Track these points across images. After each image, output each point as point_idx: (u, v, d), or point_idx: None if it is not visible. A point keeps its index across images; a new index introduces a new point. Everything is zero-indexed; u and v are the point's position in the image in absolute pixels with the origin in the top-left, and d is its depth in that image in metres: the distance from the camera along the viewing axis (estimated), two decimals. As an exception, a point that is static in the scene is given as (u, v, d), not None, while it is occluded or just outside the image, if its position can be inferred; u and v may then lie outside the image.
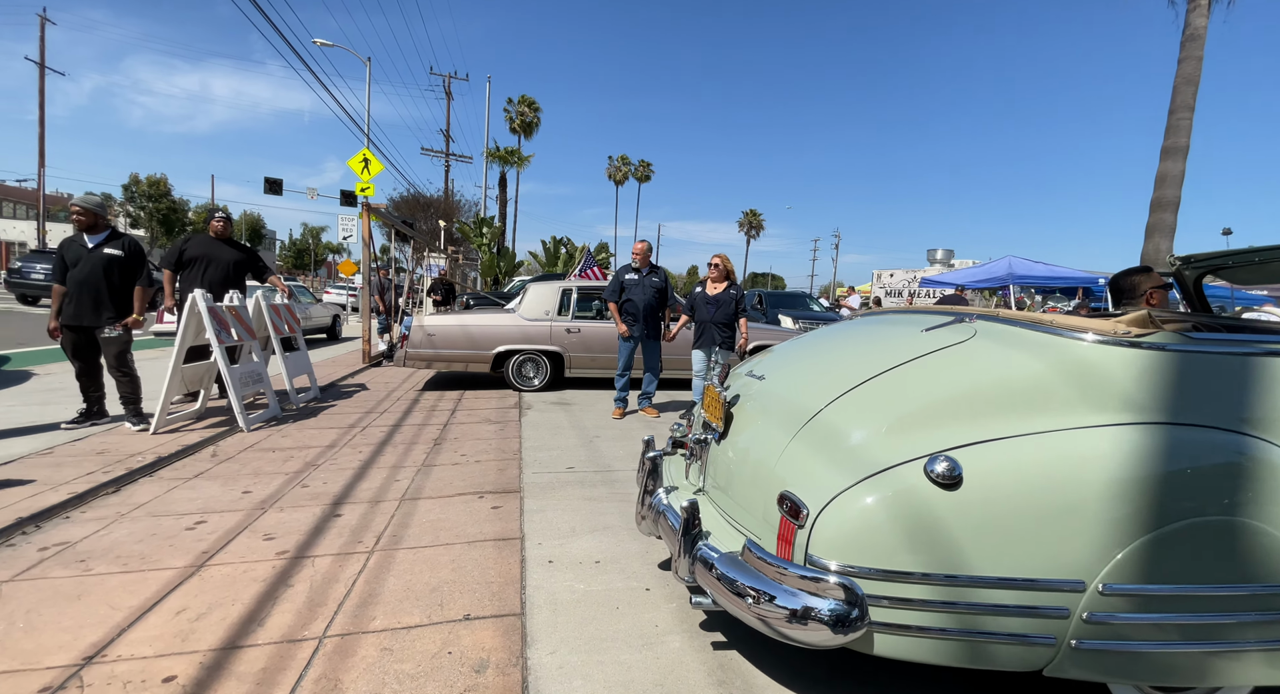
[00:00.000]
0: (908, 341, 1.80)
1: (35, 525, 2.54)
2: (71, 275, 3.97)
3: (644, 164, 53.21)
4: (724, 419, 1.95)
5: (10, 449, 3.52)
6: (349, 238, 13.20)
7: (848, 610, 1.31)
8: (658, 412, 5.40)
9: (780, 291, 16.10)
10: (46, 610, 1.89)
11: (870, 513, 1.35)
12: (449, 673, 1.65)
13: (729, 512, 1.79)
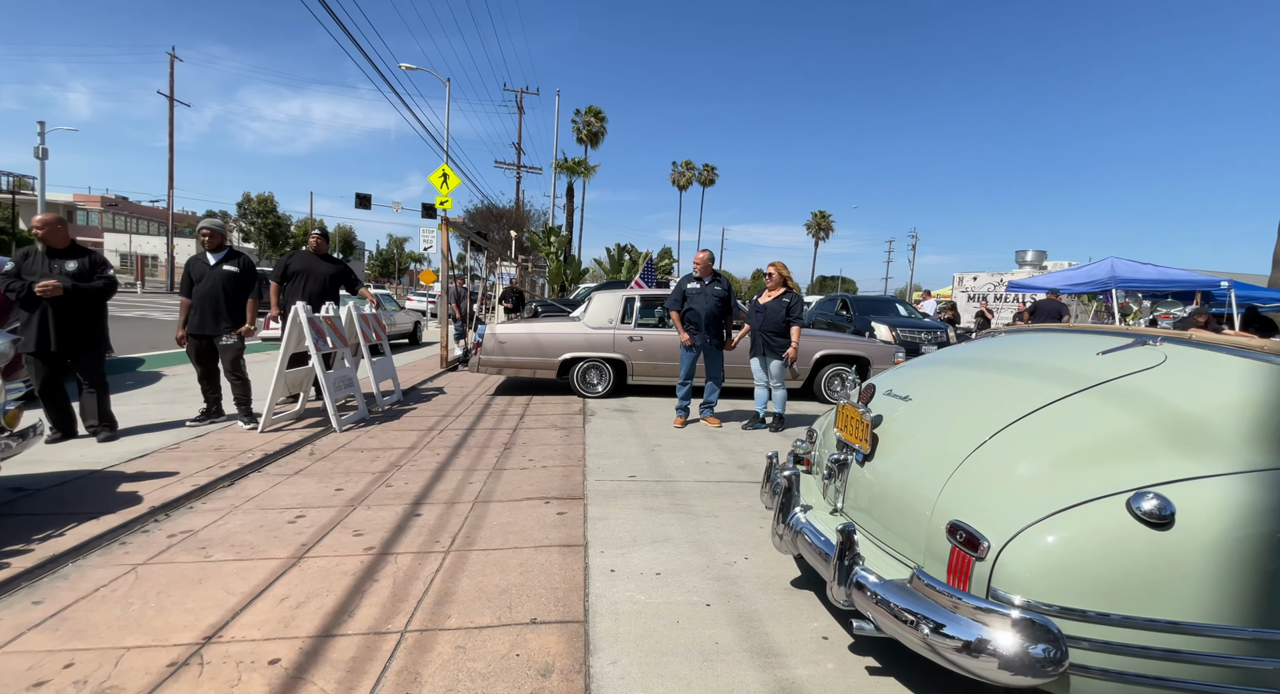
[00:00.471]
0: (1082, 365, 1.73)
1: (165, 514, 2.90)
2: (196, 289, 4.50)
3: (708, 168, 52.95)
4: (870, 440, 1.93)
5: (145, 444, 4.03)
6: (429, 249, 14.04)
7: (1045, 649, 1.27)
8: (720, 421, 5.37)
9: (870, 296, 14.77)
10: (174, 592, 2.16)
11: (1067, 550, 1.31)
12: (517, 674, 1.74)
13: (875, 534, 1.79)
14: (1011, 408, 1.64)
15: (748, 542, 2.77)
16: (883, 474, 1.86)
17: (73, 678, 1.66)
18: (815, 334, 7.30)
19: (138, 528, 2.71)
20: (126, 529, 2.67)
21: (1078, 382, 1.62)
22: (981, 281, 19.10)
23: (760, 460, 4.24)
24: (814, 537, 1.88)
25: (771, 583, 2.37)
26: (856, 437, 2.00)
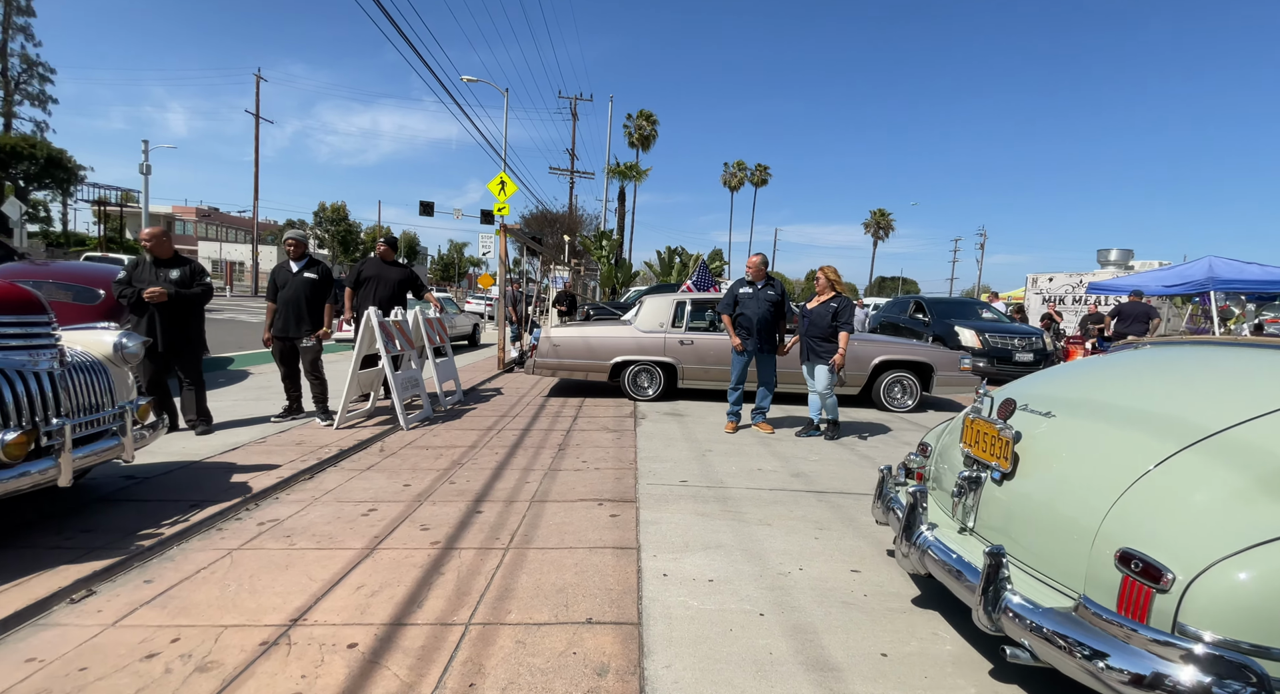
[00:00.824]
0: (1264, 384, 1.64)
1: (255, 503, 3.16)
2: (280, 295, 4.87)
3: (761, 168, 52.17)
4: (1011, 459, 1.88)
5: (237, 438, 4.39)
6: (487, 254, 14.55)
7: (1236, 688, 1.22)
8: (772, 427, 5.30)
9: (950, 298, 13.61)
10: (264, 576, 2.36)
11: (1267, 586, 1.26)
12: (574, 672, 1.79)
13: (1017, 557, 1.75)
14: (1184, 430, 1.55)
15: (802, 552, 2.74)
16: (1027, 495, 1.79)
17: (179, 651, 1.84)
18: (873, 339, 7.08)
19: (232, 515, 2.97)
20: (222, 516, 2.93)
21: (1267, 402, 1.52)
22: (1058, 283, 17.81)
23: (814, 468, 4.16)
24: (944, 555, 1.86)
25: (828, 596, 2.33)
26: (993, 454, 1.94)
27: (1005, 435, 1.90)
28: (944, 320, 10.37)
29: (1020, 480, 1.84)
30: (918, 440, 5.14)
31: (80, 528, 2.70)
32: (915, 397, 6.68)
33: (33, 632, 1.92)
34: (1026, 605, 1.55)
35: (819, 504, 3.42)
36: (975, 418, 2.09)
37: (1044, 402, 1.99)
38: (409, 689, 1.69)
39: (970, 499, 2.01)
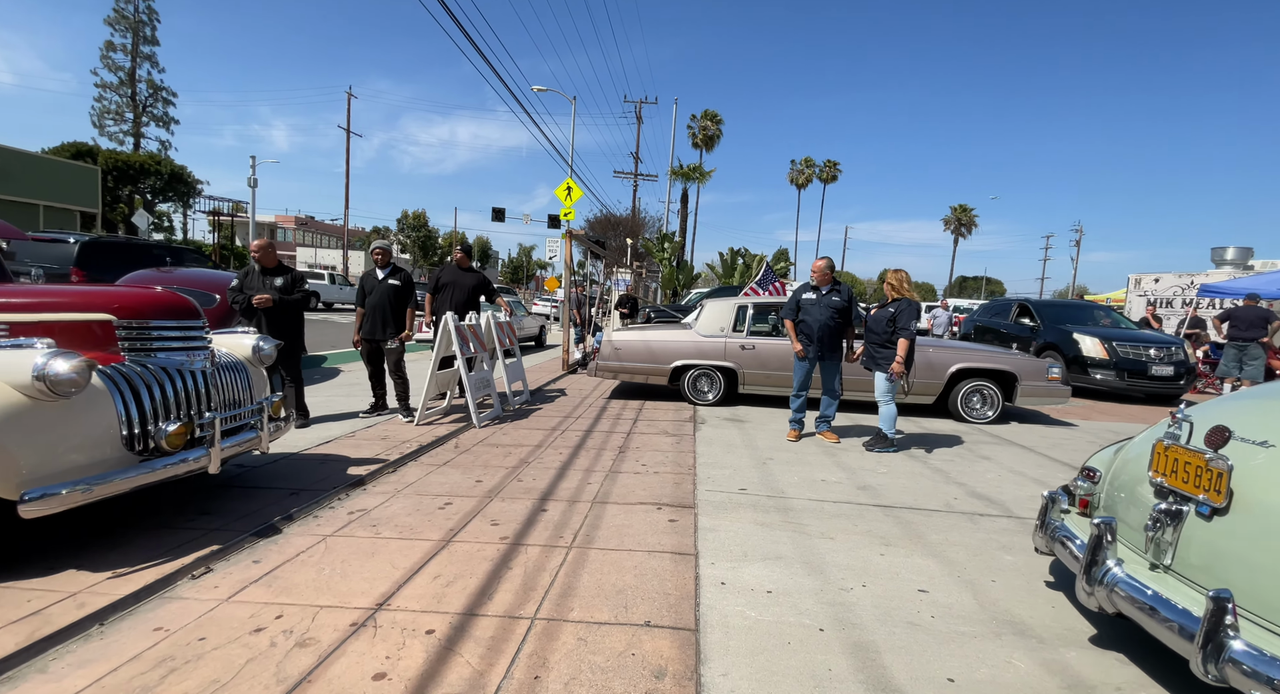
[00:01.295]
0: None
1: (346, 493, 3.45)
2: (368, 301, 5.28)
3: (830, 164, 50.55)
4: (1226, 493, 1.75)
5: (330, 431, 4.79)
6: (554, 257, 15.00)
7: None
8: (838, 437, 5.16)
9: (1063, 301, 11.94)
10: (353, 562, 2.58)
11: None
12: (632, 673, 1.86)
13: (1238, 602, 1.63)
14: None
15: (866, 569, 2.67)
16: (1249, 534, 1.67)
17: (282, 627, 2.06)
18: (950, 345, 6.72)
19: (326, 504, 3.26)
20: (318, 505, 3.23)
21: None
22: (1165, 284, 16.06)
23: (882, 481, 4.02)
24: (1138, 593, 1.79)
25: (890, 615, 2.27)
26: (1199, 486, 1.81)
27: (1218, 467, 1.75)
28: (1058, 326, 9.07)
29: (1239, 517, 1.69)
30: (995, 454, 4.86)
31: (199, 510, 3.06)
32: (996, 407, 6.28)
33: (160, 603, 2.20)
34: (1261, 656, 1.45)
35: (885, 519, 3.31)
36: (1172, 444, 1.93)
37: (1257, 429, 1.81)
38: (480, 677, 1.81)
39: (1166, 534, 1.87)
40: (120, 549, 2.57)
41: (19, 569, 2.33)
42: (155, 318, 2.79)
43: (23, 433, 2.19)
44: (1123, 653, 2.08)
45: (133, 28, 35.63)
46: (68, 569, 2.37)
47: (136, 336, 2.73)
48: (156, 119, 37.38)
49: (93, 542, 2.63)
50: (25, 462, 2.19)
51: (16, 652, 1.84)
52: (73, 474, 2.29)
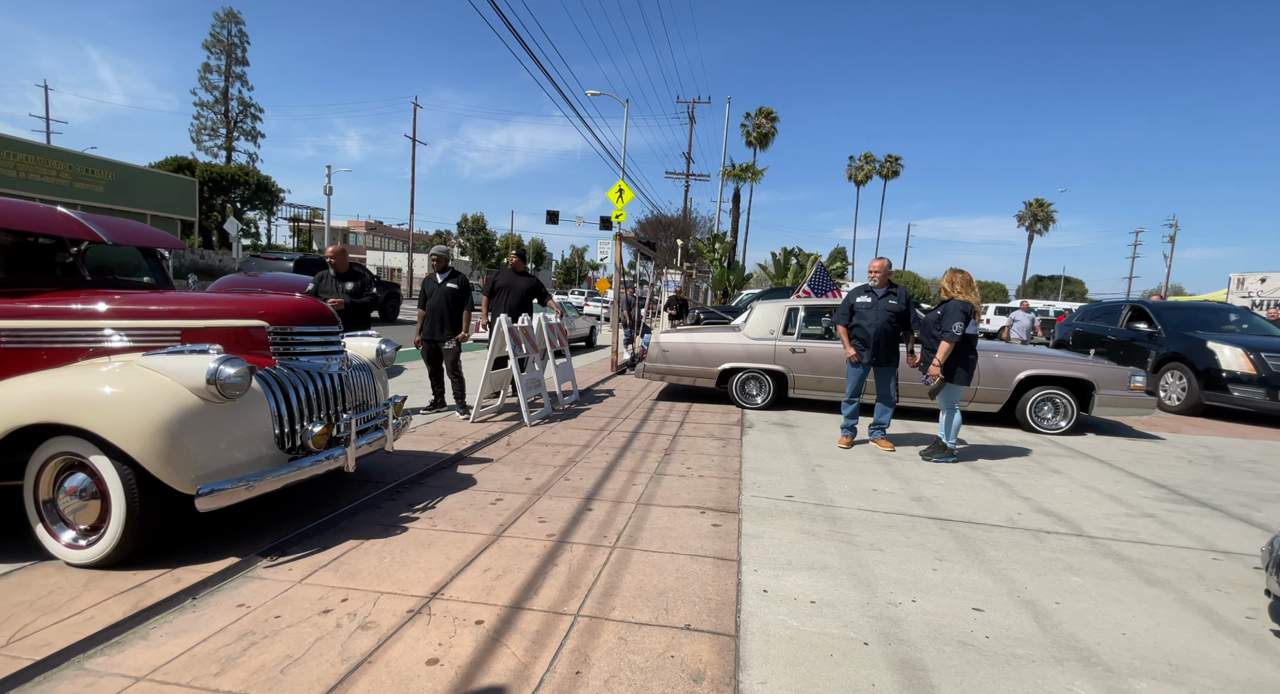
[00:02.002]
0: None
1: (406, 486, 3.66)
2: (428, 303, 5.56)
3: (891, 159, 48.60)
4: None
5: (392, 426, 5.08)
6: (604, 259, 15.20)
7: None
8: (892, 445, 4.98)
9: (1188, 303, 10.22)
10: (411, 552, 2.74)
11: None
12: (671, 675, 1.88)
13: None
14: None
15: (917, 583, 2.58)
16: None
17: (347, 610, 2.22)
18: (1018, 350, 6.34)
19: (388, 496, 3.47)
20: (381, 496, 3.44)
21: None
22: (1272, 284, 14.44)
23: (939, 493, 3.86)
24: None
25: (941, 633, 2.19)
26: None
27: None
28: (1185, 332, 7.64)
29: None
30: (1067, 468, 4.56)
31: (271, 499, 3.33)
32: (1070, 418, 5.87)
33: (243, 582, 2.42)
34: None
35: (941, 532, 3.19)
36: None
37: None
38: (524, 669, 1.89)
39: None
40: (211, 533, 2.84)
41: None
42: (299, 324, 2.93)
43: (197, 432, 2.37)
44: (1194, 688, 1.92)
45: (226, 50, 38.82)
46: (169, 548, 2.64)
47: (284, 341, 2.88)
48: (246, 133, 40.57)
49: (187, 525, 2.91)
50: (200, 459, 2.37)
51: (124, 619, 2.08)
52: (236, 471, 2.47)
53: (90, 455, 2.36)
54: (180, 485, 2.34)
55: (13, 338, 2.59)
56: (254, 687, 1.76)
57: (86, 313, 2.69)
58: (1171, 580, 2.72)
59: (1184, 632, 2.27)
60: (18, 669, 1.78)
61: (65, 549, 2.45)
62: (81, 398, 2.30)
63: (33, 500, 2.47)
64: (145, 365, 2.41)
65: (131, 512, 2.36)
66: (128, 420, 2.27)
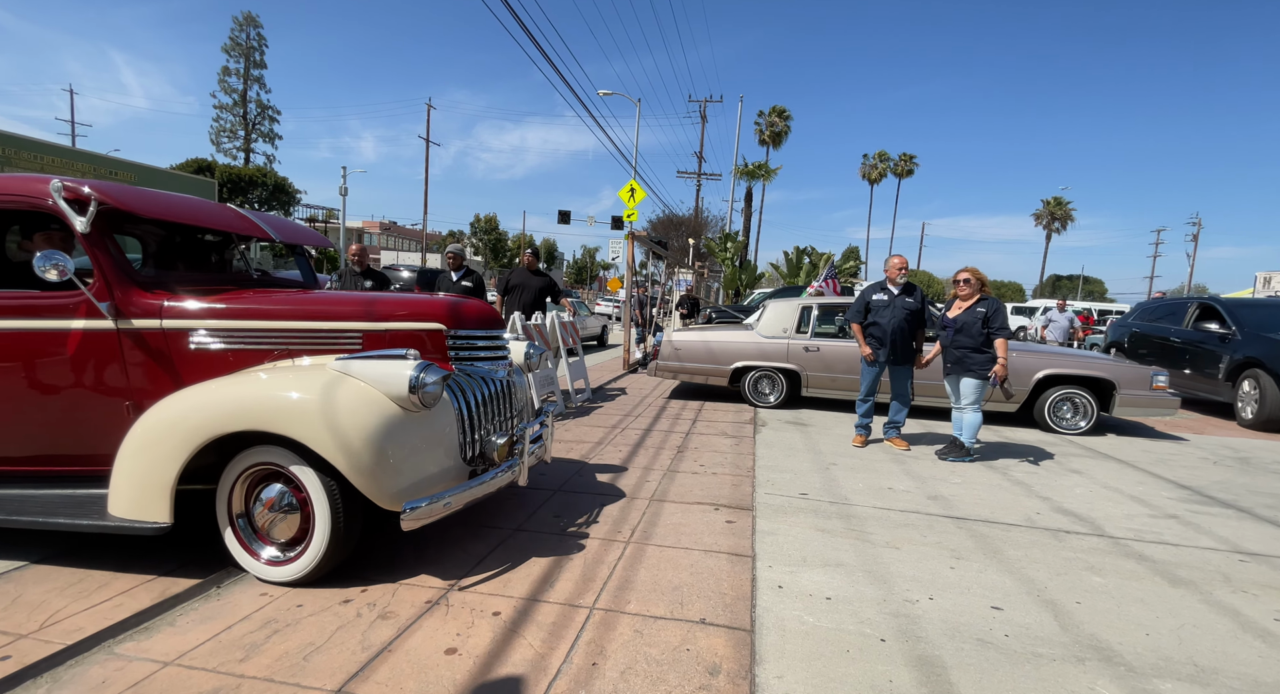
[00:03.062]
0: None
1: (422, 480, 3.70)
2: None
3: (905, 158, 48.16)
4: None
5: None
6: (616, 258, 15.24)
7: None
8: (908, 444, 4.93)
9: (1264, 300, 8.65)
10: (431, 546, 2.76)
11: None
12: (686, 668, 1.89)
13: None
14: None
15: (934, 581, 2.56)
16: None
17: (367, 600, 2.25)
18: (1035, 349, 6.25)
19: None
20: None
21: None
22: (1304, 282, 14.08)
23: (955, 492, 3.82)
24: None
25: (960, 631, 2.17)
26: None
27: None
28: (1266, 333, 6.68)
29: None
30: (1087, 468, 4.49)
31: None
32: (1090, 418, 5.78)
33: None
34: None
35: (958, 531, 3.16)
36: None
37: None
38: (541, 659, 1.91)
39: None
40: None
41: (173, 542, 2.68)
42: (473, 327, 2.72)
43: (401, 444, 2.21)
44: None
45: (245, 53, 39.46)
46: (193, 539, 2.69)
47: (460, 346, 2.68)
48: (263, 135, 41.19)
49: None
50: (404, 473, 2.22)
51: (152, 606, 2.13)
52: (431, 486, 2.30)
53: (291, 465, 2.21)
54: (385, 501, 2.19)
55: (201, 339, 2.46)
56: (278, 673, 1.80)
57: (272, 313, 2.51)
58: (1196, 581, 2.67)
59: (1210, 633, 2.23)
60: (51, 653, 1.84)
61: (265, 567, 2.31)
62: (289, 405, 2.14)
63: (226, 512, 2.33)
64: (344, 371, 2.26)
65: (336, 528, 2.21)
66: (336, 431, 2.11)
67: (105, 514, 2.24)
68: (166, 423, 2.20)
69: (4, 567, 2.38)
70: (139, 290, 2.43)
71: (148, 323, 2.42)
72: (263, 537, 2.35)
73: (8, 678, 1.72)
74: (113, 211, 2.40)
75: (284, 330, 2.50)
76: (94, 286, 2.36)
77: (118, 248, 2.47)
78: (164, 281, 2.59)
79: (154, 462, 2.18)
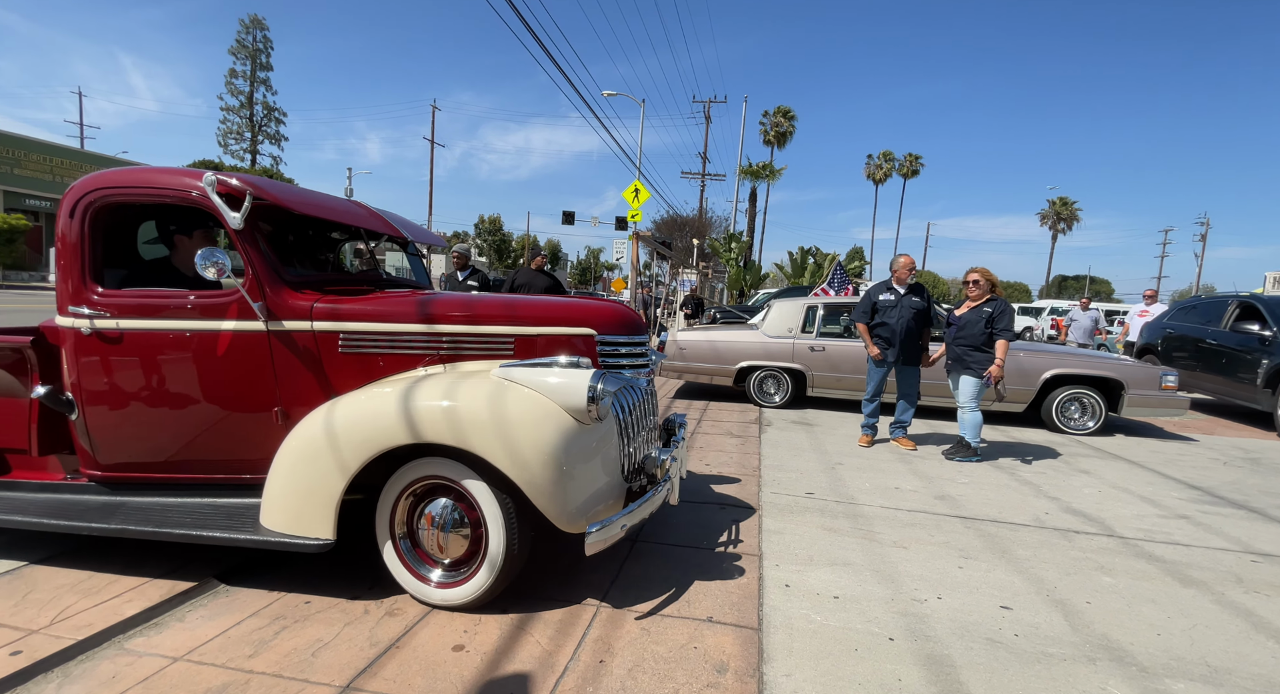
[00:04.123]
0: None
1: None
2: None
3: (911, 158, 48.01)
4: None
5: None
6: (620, 259, 15.24)
7: None
8: (914, 444, 4.91)
9: None
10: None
11: None
12: (694, 665, 1.88)
13: None
14: None
15: (943, 581, 2.55)
16: None
17: (375, 597, 2.26)
18: (1044, 349, 6.22)
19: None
20: (403, 488, 3.48)
21: None
22: (1315, 282, 13.93)
23: (963, 492, 3.80)
24: None
25: (969, 630, 2.16)
26: None
27: None
28: None
29: None
30: (1096, 468, 4.46)
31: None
32: (1098, 418, 5.75)
33: (272, 569, 2.47)
34: None
35: (966, 531, 3.14)
36: None
37: None
38: (549, 656, 1.91)
39: None
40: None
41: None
42: (621, 333, 2.48)
43: (579, 461, 2.05)
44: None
45: (251, 56, 39.70)
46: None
47: (606, 352, 2.45)
48: (270, 137, 41.42)
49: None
50: (584, 492, 2.07)
51: (161, 602, 2.14)
52: (599, 504, 2.12)
53: (463, 479, 2.06)
54: (565, 521, 2.01)
55: (352, 342, 2.31)
56: (286, 669, 1.80)
57: (424, 316, 2.35)
58: (1208, 582, 2.65)
59: (1222, 633, 2.21)
60: (62, 648, 1.85)
61: (435, 589, 2.14)
62: (469, 417, 1.97)
63: (388, 528, 2.17)
64: (512, 379, 2.11)
65: (510, 548, 2.05)
66: (517, 445, 1.96)
67: (259, 527, 2.12)
68: (333, 433, 2.04)
69: (14, 564, 2.40)
70: (289, 290, 2.30)
71: (298, 324, 2.29)
72: (424, 555, 2.20)
73: (20, 672, 1.73)
74: (268, 207, 2.29)
75: (436, 334, 2.34)
76: (245, 286, 2.24)
77: (269, 245, 2.34)
78: (309, 281, 2.46)
79: (318, 474, 2.04)
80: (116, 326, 2.30)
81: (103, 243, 2.34)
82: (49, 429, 2.51)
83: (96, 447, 2.39)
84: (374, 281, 2.91)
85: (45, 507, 2.35)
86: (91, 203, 2.29)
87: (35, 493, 2.48)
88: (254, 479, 2.30)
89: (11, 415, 2.53)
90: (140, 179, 2.30)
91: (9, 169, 22.77)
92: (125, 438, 2.38)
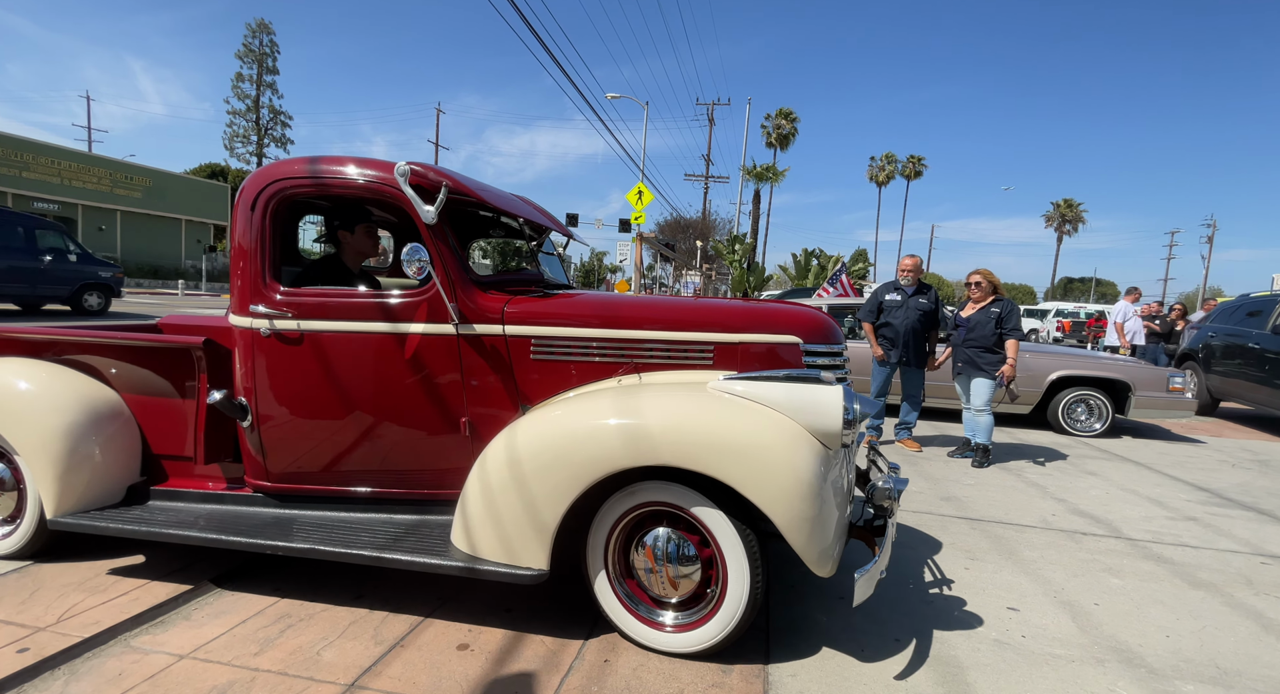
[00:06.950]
0: None
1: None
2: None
3: (914, 159, 48.00)
4: None
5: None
6: (624, 260, 15.27)
7: None
8: (920, 445, 4.89)
9: None
10: (440, 541, 2.76)
11: None
12: (699, 665, 1.88)
13: None
14: None
15: (948, 581, 2.53)
16: None
17: (380, 597, 2.26)
18: (1050, 350, 6.19)
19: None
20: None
21: None
22: (1325, 283, 13.79)
23: (969, 493, 3.78)
24: None
25: (976, 631, 2.14)
26: None
27: None
28: None
29: None
30: (1103, 470, 4.43)
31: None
32: (1105, 420, 5.71)
33: (277, 569, 2.47)
34: None
35: (972, 532, 3.12)
36: None
37: None
38: (554, 655, 1.90)
39: None
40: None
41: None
42: (822, 341, 2.21)
43: (831, 491, 1.77)
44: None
45: (258, 59, 40.00)
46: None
47: (809, 364, 2.18)
48: (276, 140, 41.65)
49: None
50: (837, 529, 1.80)
51: (168, 600, 2.14)
52: (840, 544, 1.84)
53: (694, 507, 1.81)
54: (820, 563, 1.74)
55: (545, 347, 2.12)
56: (291, 667, 1.80)
57: (621, 319, 2.15)
58: (1217, 583, 2.62)
59: (1232, 635, 2.19)
60: (69, 645, 1.86)
61: (668, 636, 1.89)
62: (709, 437, 1.73)
63: (602, 560, 1.94)
64: (745, 395, 1.85)
65: (754, 587, 1.80)
66: (774, 472, 1.69)
67: (451, 549, 1.93)
68: (547, 452, 1.81)
69: (21, 562, 2.41)
70: (479, 291, 2.13)
71: (490, 328, 2.11)
72: (640, 592, 1.95)
73: (27, 669, 1.74)
74: (462, 201, 2.16)
75: (633, 341, 2.13)
76: (438, 285, 2.08)
77: (458, 242, 2.19)
78: (494, 281, 2.29)
79: (533, 498, 1.81)
80: (298, 328, 2.13)
81: (283, 238, 2.21)
82: (216, 435, 2.32)
83: (268, 455, 2.23)
84: (537, 282, 2.66)
85: (215, 520, 2.19)
86: (274, 195, 2.13)
87: (199, 504, 2.32)
88: (431, 495, 2.16)
89: (175, 420, 2.36)
90: (324, 170, 2.13)
91: (18, 172, 22.96)
92: (300, 447, 2.22)
